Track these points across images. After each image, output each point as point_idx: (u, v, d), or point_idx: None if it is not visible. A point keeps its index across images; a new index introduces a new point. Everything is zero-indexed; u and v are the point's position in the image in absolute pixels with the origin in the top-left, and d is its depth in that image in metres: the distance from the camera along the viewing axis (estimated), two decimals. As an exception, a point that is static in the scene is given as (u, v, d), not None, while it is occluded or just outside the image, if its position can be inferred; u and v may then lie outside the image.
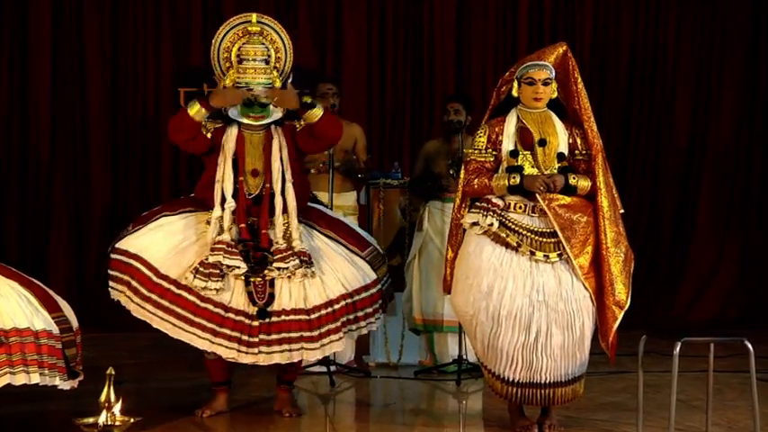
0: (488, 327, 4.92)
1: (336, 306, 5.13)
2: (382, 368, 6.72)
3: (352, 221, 5.96)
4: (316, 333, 5.07)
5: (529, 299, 4.88)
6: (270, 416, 5.34)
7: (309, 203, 5.49)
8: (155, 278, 5.07)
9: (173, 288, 5.04)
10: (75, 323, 4.94)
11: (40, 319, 4.68)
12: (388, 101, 8.94)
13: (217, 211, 5.16)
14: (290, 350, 5.05)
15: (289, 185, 5.23)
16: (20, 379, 4.52)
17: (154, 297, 5.05)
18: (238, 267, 5.03)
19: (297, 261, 5.07)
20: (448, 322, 6.59)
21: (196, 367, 5.49)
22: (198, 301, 5.01)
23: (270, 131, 5.31)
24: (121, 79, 8.69)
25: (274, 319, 5.04)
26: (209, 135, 5.28)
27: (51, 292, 4.94)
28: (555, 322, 4.88)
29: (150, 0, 8.69)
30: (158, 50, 8.70)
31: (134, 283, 5.09)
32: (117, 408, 2.72)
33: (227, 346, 5.01)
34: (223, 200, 5.18)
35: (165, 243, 5.16)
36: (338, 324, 5.13)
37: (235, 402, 5.57)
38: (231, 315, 5.02)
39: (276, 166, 5.23)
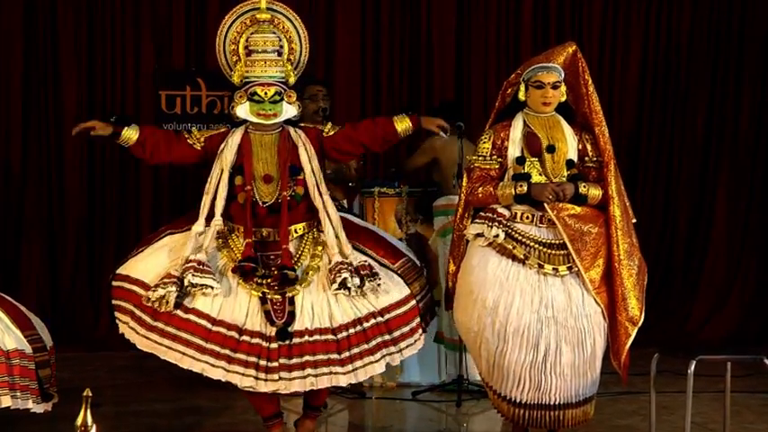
0: (494, 344, 4.92)
1: (366, 324, 4.79)
2: (378, 389, 6.70)
3: (383, 231, 5.59)
4: (345, 355, 4.75)
5: (537, 315, 4.87)
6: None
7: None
8: None
9: (179, 313, 4.70)
10: (49, 342, 4.95)
11: (12, 338, 4.68)
12: (383, 104, 8.92)
13: (198, 226, 4.88)
14: (316, 375, 4.71)
15: (326, 198, 4.99)
16: (-10, 402, 4.53)
17: (159, 325, 4.71)
18: (211, 288, 4.69)
19: (357, 279, 4.75)
20: (449, 339, 6.60)
21: (178, 389, 5.49)
22: (209, 325, 4.69)
23: (285, 132, 5.05)
24: (98, 81, 8.67)
25: (296, 340, 4.71)
26: (198, 146, 5.02)
27: (24, 309, 4.95)
28: (565, 340, 4.88)
29: (129, 2, 8.69)
30: (138, 51, 8.68)
31: (137, 312, 4.78)
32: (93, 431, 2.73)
33: (243, 374, 4.67)
34: (211, 216, 4.90)
35: (167, 264, 4.84)
36: (371, 345, 4.79)
37: (221, 426, 5.56)
38: (246, 338, 4.69)
39: (310, 178, 4.96)
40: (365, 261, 4.85)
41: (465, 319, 5.02)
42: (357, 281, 4.76)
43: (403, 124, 5.12)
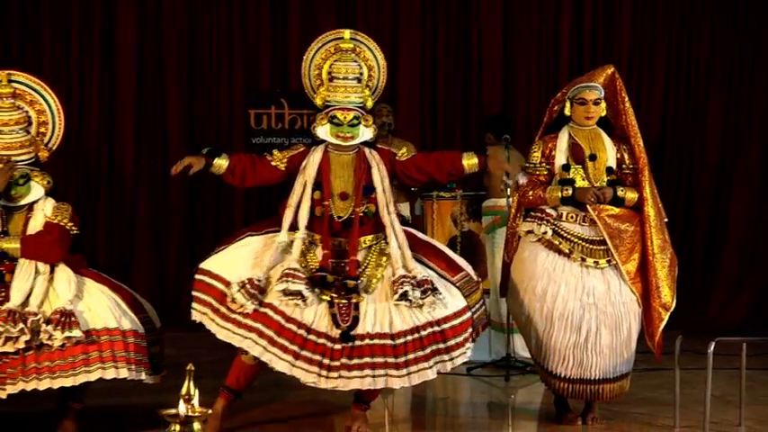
0: (542, 327, 4.92)
1: (423, 333, 4.49)
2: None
3: (443, 246, 5.20)
4: (401, 360, 4.45)
5: (580, 301, 4.86)
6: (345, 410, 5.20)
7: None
8: None
9: (256, 306, 4.51)
10: (158, 323, 4.99)
11: (128, 320, 4.72)
12: (439, 119, 8.91)
13: (282, 236, 4.64)
14: (373, 376, 4.45)
15: (393, 216, 4.72)
16: (110, 373, 4.57)
17: (235, 316, 4.53)
18: (309, 302, 4.49)
19: (418, 292, 4.49)
20: (496, 322, 6.55)
21: (264, 364, 5.43)
22: (282, 321, 4.47)
23: (362, 153, 4.80)
24: (197, 101, 8.77)
25: (357, 342, 4.45)
26: (281, 166, 4.80)
27: (137, 296, 4.99)
28: (604, 323, 4.87)
29: (224, 32, 8.76)
30: (231, 77, 8.77)
31: (215, 305, 4.60)
32: (196, 400, 2.73)
33: (307, 370, 4.45)
34: (295, 227, 4.67)
35: (247, 262, 4.63)
36: (427, 352, 4.49)
37: (302, 396, 5.56)
38: (313, 337, 4.47)
39: (381, 197, 4.71)
40: (427, 276, 4.58)
41: (517, 305, 5.02)
42: (418, 294, 4.49)
43: (471, 161, 4.83)
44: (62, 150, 5.30)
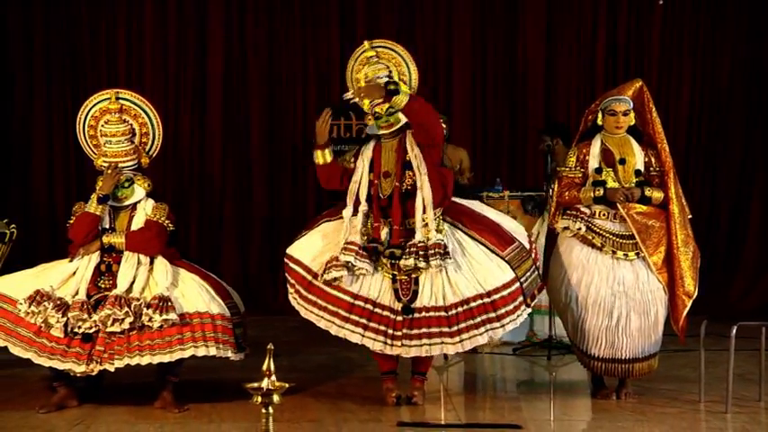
0: (577, 313, 4.92)
1: (473, 304, 4.56)
2: (486, 345, 6.63)
3: (499, 214, 5.11)
4: (454, 329, 4.54)
5: (611, 290, 4.86)
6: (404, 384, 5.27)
7: (456, 199, 4.90)
8: (314, 281, 4.72)
9: (327, 289, 4.66)
10: (242, 308, 5.04)
11: (216, 305, 4.80)
12: (490, 128, 8.91)
13: (348, 211, 4.71)
14: (429, 344, 4.56)
15: (425, 178, 4.66)
16: (201, 351, 4.65)
17: (313, 298, 4.70)
18: (366, 270, 4.62)
19: (423, 262, 4.54)
20: (537, 306, 6.50)
21: (336, 345, 5.49)
22: (350, 299, 4.63)
23: (403, 136, 4.78)
24: (276, 114, 8.86)
25: (416, 315, 4.57)
26: (351, 164, 4.86)
27: (224, 284, 5.06)
28: (633, 309, 4.85)
29: (299, 52, 8.84)
30: (305, 92, 8.86)
31: (297, 287, 4.77)
32: (275, 376, 2.78)
33: (374, 339, 4.60)
34: (357, 202, 4.72)
35: (321, 247, 4.77)
36: (477, 321, 4.55)
37: (367, 372, 5.60)
38: (379, 310, 4.61)
39: (415, 162, 4.68)
40: (440, 241, 4.56)
41: (555, 293, 5.04)
42: (423, 263, 4.55)
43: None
44: (160, 157, 5.43)
